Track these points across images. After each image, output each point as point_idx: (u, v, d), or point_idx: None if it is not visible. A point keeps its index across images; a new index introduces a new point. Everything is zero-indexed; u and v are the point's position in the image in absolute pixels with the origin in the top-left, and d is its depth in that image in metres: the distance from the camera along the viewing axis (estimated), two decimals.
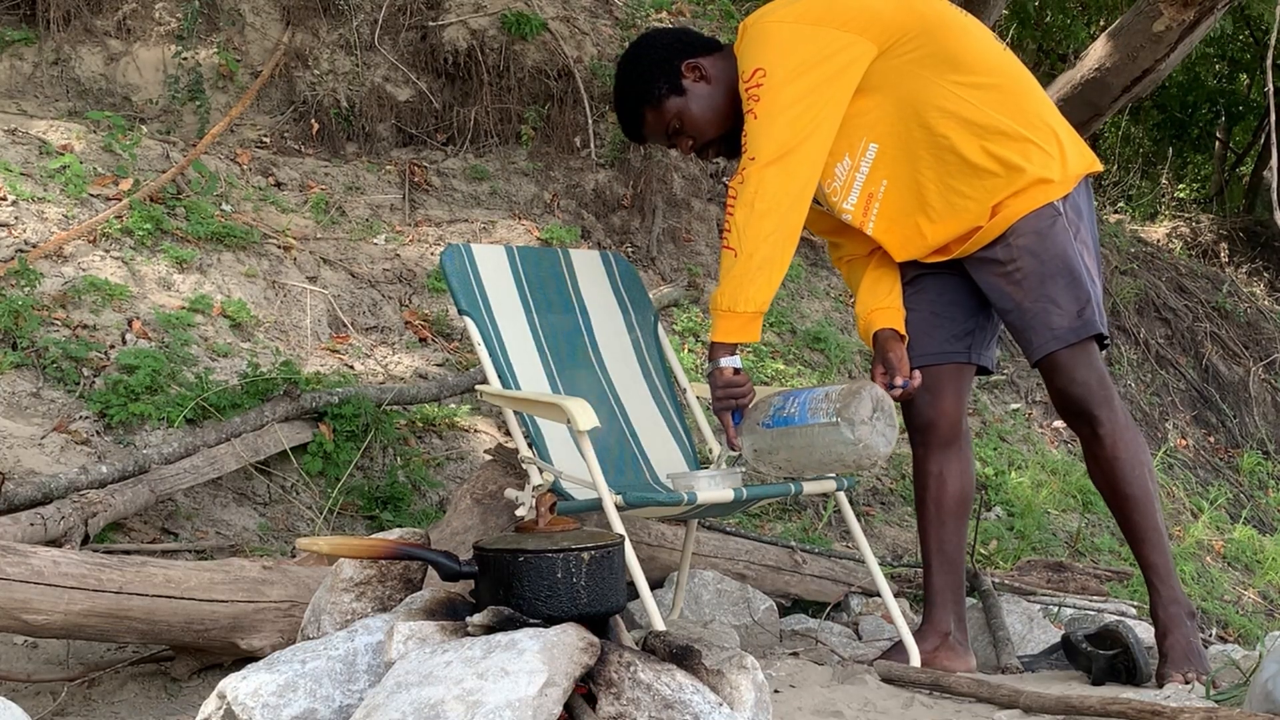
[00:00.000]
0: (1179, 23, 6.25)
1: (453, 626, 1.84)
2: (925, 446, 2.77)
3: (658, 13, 6.87)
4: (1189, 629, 2.60)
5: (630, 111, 2.74)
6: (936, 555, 2.78)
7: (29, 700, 2.46)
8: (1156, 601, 2.63)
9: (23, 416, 3.36)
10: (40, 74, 5.05)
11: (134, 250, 4.13)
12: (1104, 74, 6.57)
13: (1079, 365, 2.59)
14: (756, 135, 2.47)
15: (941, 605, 2.76)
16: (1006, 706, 2.23)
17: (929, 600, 2.79)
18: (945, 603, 2.76)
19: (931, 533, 2.78)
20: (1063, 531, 4.96)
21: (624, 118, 2.76)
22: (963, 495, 2.80)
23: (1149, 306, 7.76)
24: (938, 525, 2.78)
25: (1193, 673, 2.50)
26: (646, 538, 3.20)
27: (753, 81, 2.48)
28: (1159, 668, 2.58)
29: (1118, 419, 2.63)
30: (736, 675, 1.81)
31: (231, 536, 3.30)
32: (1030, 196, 2.56)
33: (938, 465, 2.76)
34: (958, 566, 2.81)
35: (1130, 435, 2.65)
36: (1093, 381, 2.61)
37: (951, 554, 2.78)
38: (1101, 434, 2.62)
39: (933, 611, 2.76)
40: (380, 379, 4.12)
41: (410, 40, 5.78)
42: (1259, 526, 6.23)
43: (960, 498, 2.79)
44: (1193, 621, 2.63)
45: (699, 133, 2.68)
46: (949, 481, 2.76)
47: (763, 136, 2.46)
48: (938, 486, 2.76)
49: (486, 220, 5.27)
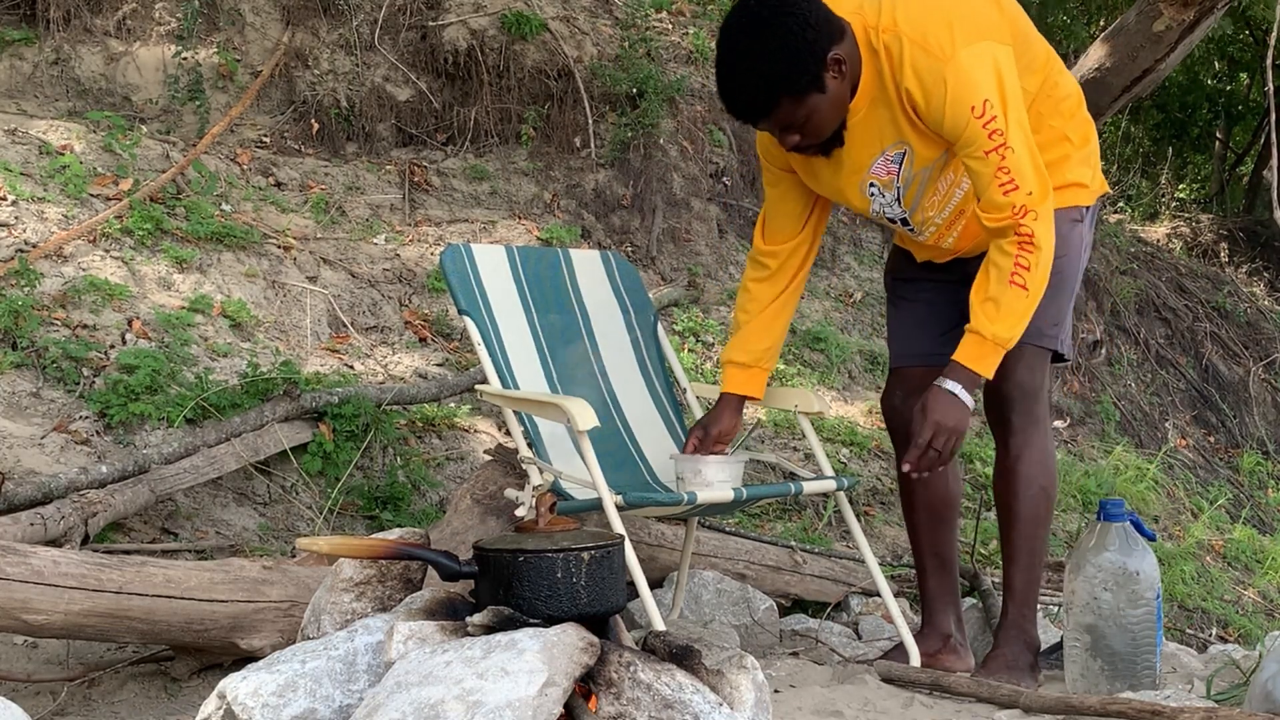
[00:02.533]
0: (1179, 23, 6.24)
1: (453, 626, 1.84)
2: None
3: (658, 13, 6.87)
4: (1019, 652, 2.58)
5: (762, 94, 2.37)
6: (931, 558, 2.78)
7: (29, 700, 2.46)
8: (1003, 622, 2.65)
9: (23, 416, 3.36)
10: (40, 74, 5.05)
11: (134, 250, 4.13)
12: (1104, 74, 6.56)
13: (1021, 367, 2.55)
14: (1022, 170, 2.35)
15: (941, 608, 2.76)
16: (1006, 706, 2.23)
17: (927, 603, 2.79)
18: (945, 605, 2.76)
19: (924, 536, 2.78)
20: (1063, 531, 4.96)
21: (747, 96, 2.39)
22: (951, 496, 2.80)
23: (1149, 306, 7.76)
24: (930, 528, 2.78)
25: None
26: (646, 538, 3.20)
27: (986, 115, 2.35)
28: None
29: (1033, 437, 2.60)
30: (736, 675, 1.81)
31: (231, 536, 3.30)
32: (1063, 195, 2.54)
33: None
34: (952, 567, 2.81)
35: (1039, 457, 2.61)
36: (1027, 389, 2.58)
37: (946, 555, 2.78)
38: (1010, 444, 2.62)
39: (933, 615, 2.76)
40: (380, 379, 4.12)
41: (410, 40, 5.78)
42: (1259, 526, 6.23)
43: (949, 499, 2.79)
44: (1029, 654, 2.59)
45: (818, 135, 2.44)
46: (936, 484, 2.72)
47: (1027, 169, 2.36)
48: (925, 489, 2.74)
49: (486, 220, 5.27)
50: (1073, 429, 6.40)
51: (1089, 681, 2.39)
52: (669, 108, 5.96)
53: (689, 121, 6.07)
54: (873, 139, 2.48)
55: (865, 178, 2.54)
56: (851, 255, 6.43)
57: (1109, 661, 2.38)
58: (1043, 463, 2.62)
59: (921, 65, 2.35)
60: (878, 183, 2.54)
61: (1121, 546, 2.39)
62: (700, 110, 6.20)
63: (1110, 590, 2.37)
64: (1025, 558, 2.62)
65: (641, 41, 6.30)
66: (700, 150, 5.96)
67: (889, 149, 2.48)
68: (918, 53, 2.35)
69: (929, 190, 2.53)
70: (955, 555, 2.82)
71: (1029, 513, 2.61)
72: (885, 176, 2.52)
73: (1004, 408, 2.61)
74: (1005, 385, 2.56)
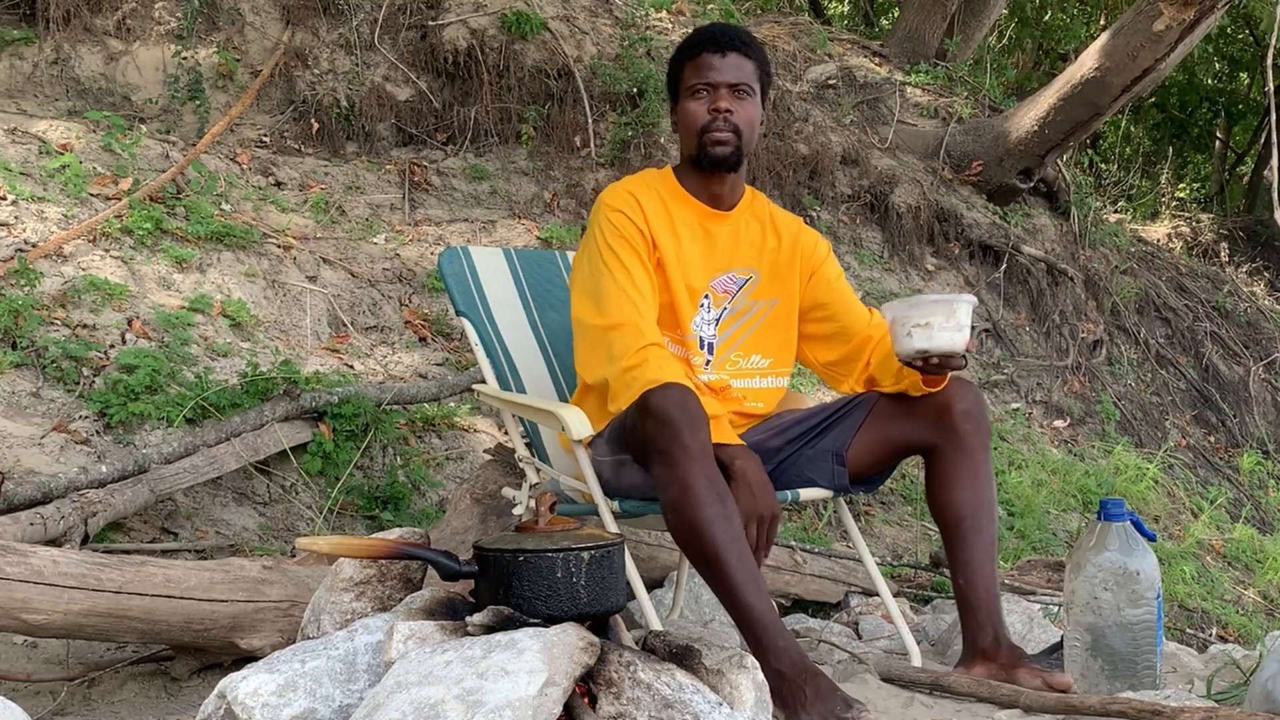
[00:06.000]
0: (1179, 22, 6.25)
1: (453, 626, 1.84)
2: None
3: (657, 12, 6.88)
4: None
5: (750, 44, 2.54)
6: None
7: (29, 700, 2.46)
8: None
9: (23, 416, 3.36)
10: (40, 74, 5.05)
11: (134, 250, 4.13)
12: (1104, 73, 6.57)
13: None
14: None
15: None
16: (1007, 706, 2.23)
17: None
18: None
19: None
20: (1063, 531, 4.96)
21: (739, 33, 2.54)
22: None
23: (1149, 306, 7.76)
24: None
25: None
26: (647, 537, 3.20)
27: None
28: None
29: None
30: (736, 675, 1.81)
31: (231, 536, 3.30)
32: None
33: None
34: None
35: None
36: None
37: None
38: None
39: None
40: (380, 379, 4.12)
41: (410, 40, 5.78)
42: (1259, 526, 6.23)
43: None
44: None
45: (748, 124, 2.53)
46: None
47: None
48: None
49: (486, 220, 5.28)
50: (1073, 429, 6.41)
51: (1089, 681, 2.39)
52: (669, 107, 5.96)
53: None
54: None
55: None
56: (852, 255, 6.44)
57: (1109, 661, 2.38)
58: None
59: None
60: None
61: (1122, 546, 2.39)
62: None
63: (1110, 590, 2.37)
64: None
65: (641, 41, 6.31)
66: None
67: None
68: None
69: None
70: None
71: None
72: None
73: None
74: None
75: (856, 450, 2.54)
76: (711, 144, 2.50)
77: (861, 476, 2.57)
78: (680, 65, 2.57)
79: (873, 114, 7.56)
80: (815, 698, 2.02)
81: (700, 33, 2.55)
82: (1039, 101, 7.00)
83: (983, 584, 2.40)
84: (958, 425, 2.41)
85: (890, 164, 6.97)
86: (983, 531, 2.43)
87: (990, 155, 7.17)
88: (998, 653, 2.35)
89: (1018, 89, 9.47)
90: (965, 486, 2.43)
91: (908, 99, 7.89)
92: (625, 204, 2.49)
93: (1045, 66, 11.26)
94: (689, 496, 2.13)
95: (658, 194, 2.55)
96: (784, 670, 2.06)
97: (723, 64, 2.50)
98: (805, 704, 2.02)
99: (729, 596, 2.15)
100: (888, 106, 7.65)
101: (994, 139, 7.20)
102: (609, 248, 2.44)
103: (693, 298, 2.53)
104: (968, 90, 8.24)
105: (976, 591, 2.39)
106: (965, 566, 2.41)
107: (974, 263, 6.99)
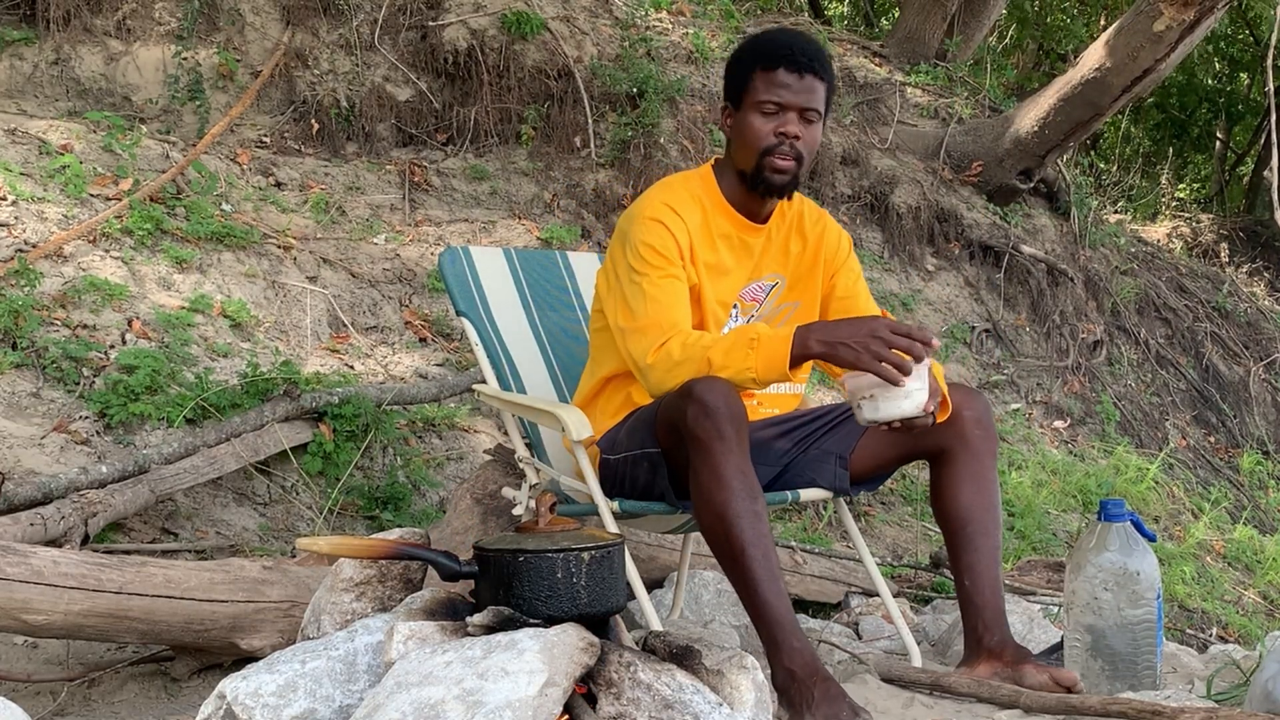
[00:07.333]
0: (1179, 23, 6.25)
1: (453, 626, 1.84)
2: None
3: (657, 12, 6.88)
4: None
5: (828, 68, 2.45)
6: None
7: (29, 700, 2.46)
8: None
9: (23, 416, 3.36)
10: (40, 74, 5.05)
11: (134, 250, 4.13)
12: (1104, 74, 6.57)
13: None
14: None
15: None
16: (1007, 707, 2.23)
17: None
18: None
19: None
20: (1063, 531, 4.96)
21: (821, 54, 2.44)
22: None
23: (1149, 306, 7.76)
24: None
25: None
26: (646, 538, 3.20)
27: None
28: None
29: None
30: (736, 675, 1.81)
31: (231, 536, 3.30)
32: None
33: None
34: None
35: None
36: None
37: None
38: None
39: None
40: (380, 379, 4.12)
41: (410, 40, 5.79)
42: (1259, 526, 6.23)
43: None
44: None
45: (811, 152, 2.47)
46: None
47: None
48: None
49: (486, 220, 5.28)
50: (1073, 429, 6.41)
51: (1089, 682, 2.39)
52: (669, 108, 5.97)
53: (689, 121, 6.07)
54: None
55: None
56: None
57: (1109, 661, 2.38)
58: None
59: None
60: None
61: (1122, 546, 2.39)
62: (700, 110, 6.20)
63: (1111, 590, 2.37)
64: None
65: (641, 41, 6.31)
66: (700, 150, 5.96)
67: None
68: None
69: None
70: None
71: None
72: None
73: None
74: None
75: (861, 453, 2.55)
76: (772, 170, 2.41)
77: (864, 479, 2.58)
78: (750, 72, 2.43)
79: (873, 114, 7.56)
80: (823, 701, 2.03)
81: (779, 44, 2.43)
82: (1039, 102, 7.00)
83: (989, 586, 2.41)
84: (968, 432, 2.43)
85: (890, 164, 6.97)
86: (989, 535, 2.44)
87: (990, 155, 7.18)
88: (1003, 651, 2.36)
89: (1018, 89, 9.48)
90: (972, 491, 2.44)
91: (908, 99, 7.90)
92: (666, 216, 2.42)
93: (1045, 67, 11.27)
94: (721, 487, 2.15)
95: (700, 204, 2.48)
96: (796, 670, 2.08)
97: (799, 85, 2.40)
98: (812, 706, 2.03)
99: (748, 591, 2.16)
100: (888, 107, 7.66)
101: (994, 139, 7.20)
102: (643, 259, 2.39)
103: (724, 309, 2.53)
104: (968, 90, 8.24)
105: (983, 594, 2.40)
106: (971, 569, 2.42)
107: (974, 263, 6.99)
